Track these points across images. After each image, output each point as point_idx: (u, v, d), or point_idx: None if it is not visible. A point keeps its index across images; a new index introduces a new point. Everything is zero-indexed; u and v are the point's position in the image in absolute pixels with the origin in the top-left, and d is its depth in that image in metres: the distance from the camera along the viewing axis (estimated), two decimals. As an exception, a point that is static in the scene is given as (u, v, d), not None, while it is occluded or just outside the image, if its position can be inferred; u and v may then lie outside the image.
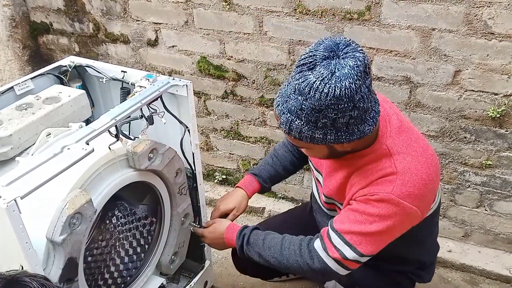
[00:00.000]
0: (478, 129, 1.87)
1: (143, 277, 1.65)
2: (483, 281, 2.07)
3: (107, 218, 1.58)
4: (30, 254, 1.10)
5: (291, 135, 1.16)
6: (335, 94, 1.03)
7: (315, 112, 1.07)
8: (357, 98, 1.05)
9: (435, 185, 1.28)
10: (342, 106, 1.05)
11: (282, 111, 1.14)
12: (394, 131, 1.26)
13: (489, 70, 1.73)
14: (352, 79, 1.03)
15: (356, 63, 1.04)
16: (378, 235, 1.24)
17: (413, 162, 1.22)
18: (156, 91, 1.46)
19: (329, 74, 1.04)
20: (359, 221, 1.24)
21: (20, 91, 1.54)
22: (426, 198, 1.25)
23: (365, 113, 1.11)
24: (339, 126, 1.10)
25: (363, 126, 1.13)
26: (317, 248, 1.31)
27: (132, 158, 1.37)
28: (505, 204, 1.99)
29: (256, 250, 1.41)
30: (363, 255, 1.27)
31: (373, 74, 1.93)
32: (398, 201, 1.19)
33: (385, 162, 1.23)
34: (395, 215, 1.21)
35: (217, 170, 2.61)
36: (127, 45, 2.41)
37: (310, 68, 1.06)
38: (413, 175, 1.20)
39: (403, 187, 1.19)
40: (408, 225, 1.27)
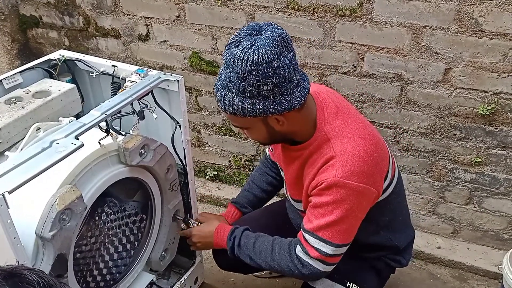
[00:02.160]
0: (467, 127, 1.88)
1: (133, 274, 1.65)
2: (472, 277, 2.09)
3: (96, 215, 1.57)
4: (18, 250, 1.09)
5: (226, 110, 1.25)
6: (253, 60, 1.14)
7: (240, 81, 1.17)
8: (275, 65, 1.15)
9: (378, 160, 1.32)
10: (262, 71, 1.15)
11: (217, 89, 1.25)
12: (331, 117, 1.33)
13: (479, 68, 1.75)
14: (269, 47, 1.14)
15: (273, 34, 1.16)
16: (343, 221, 1.29)
17: (349, 143, 1.28)
18: (147, 86, 1.45)
19: (249, 45, 1.15)
20: (322, 214, 1.30)
21: (8, 85, 1.52)
22: (372, 175, 1.30)
23: (290, 83, 1.19)
24: (265, 94, 1.18)
25: (290, 97, 1.20)
26: (299, 253, 1.36)
27: (123, 153, 1.36)
28: (493, 201, 2.01)
29: (247, 253, 1.45)
30: (339, 246, 1.32)
31: (364, 71, 1.93)
32: (343, 182, 1.25)
33: (325, 147, 1.30)
34: (348, 197, 1.26)
35: (208, 166, 2.60)
36: (118, 39, 2.39)
37: (236, 45, 1.18)
38: (350, 154, 1.27)
39: (344, 168, 1.25)
40: (367, 204, 1.33)
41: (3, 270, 0.76)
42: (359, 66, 1.93)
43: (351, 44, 1.90)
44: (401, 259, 1.59)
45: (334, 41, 1.92)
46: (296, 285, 2.07)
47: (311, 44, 1.97)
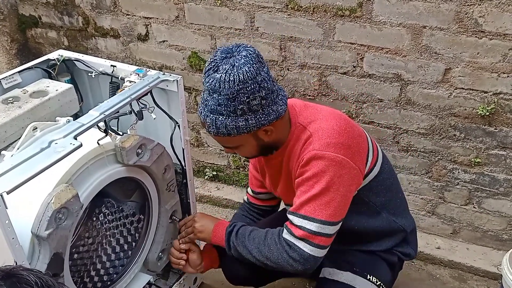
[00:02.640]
0: (467, 127, 1.88)
1: (130, 274, 1.64)
2: (471, 277, 2.08)
3: (94, 215, 1.57)
4: (17, 250, 1.08)
5: (220, 134, 1.30)
6: (240, 79, 1.21)
7: (230, 101, 1.24)
8: (259, 79, 1.24)
9: (353, 134, 1.37)
10: (250, 87, 1.22)
11: (205, 115, 1.29)
12: (301, 109, 1.43)
13: (479, 68, 1.74)
14: (250, 64, 1.22)
15: (249, 53, 1.24)
16: (324, 194, 1.31)
17: (322, 121, 1.37)
18: (146, 86, 1.45)
19: (231, 67, 1.22)
20: (304, 191, 1.33)
21: (7, 84, 1.51)
22: (349, 147, 1.34)
23: (272, 94, 1.28)
24: (255, 109, 1.26)
25: (276, 107, 1.29)
26: (285, 235, 1.37)
27: (120, 153, 1.36)
28: (493, 202, 2.01)
29: (242, 240, 1.44)
30: (323, 222, 1.31)
31: (364, 71, 1.93)
32: (321, 153, 1.30)
33: (303, 135, 1.38)
34: (327, 168, 1.30)
35: (208, 167, 2.60)
36: (117, 39, 2.39)
37: (215, 70, 1.24)
38: (325, 129, 1.34)
39: (320, 141, 1.32)
40: (349, 178, 1.33)
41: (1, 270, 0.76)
42: (359, 66, 1.93)
43: (351, 44, 1.90)
44: (410, 250, 1.62)
45: (333, 41, 1.92)
46: (295, 286, 2.07)
47: (310, 44, 1.97)
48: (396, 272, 1.66)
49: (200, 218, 1.60)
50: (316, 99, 2.09)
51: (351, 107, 2.04)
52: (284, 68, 2.08)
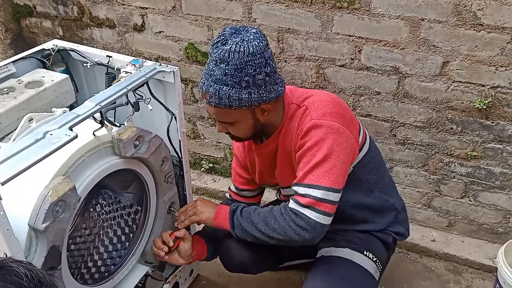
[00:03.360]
0: (464, 120, 1.88)
1: (127, 266, 1.64)
2: (466, 270, 2.10)
3: (91, 206, 1.56)
4: (12, 242, 1.08)
5: (221, 104, 1.32)
6: (250, 51, 1.26)
7: (237, 72, 1.27)
8: (266, 56, 1.29)
9: (346, 107, 1.46)
10: (257, 61, 1.27)
11: (209, 85, 1.31)
12: (292, 91, 1.48)
13: (477, 62, 1.74)
14: (259, 40, 1.28)
15: (257, 31, 1.31)
16: (326, 161, 1.35)
17: (315, 97, 1.44)
18: (143, 77, 1.44)
19: (241, 40, 1.27)
20: (306, 162, 1.37)
21: (1, 74, 1.49)
22: (344, 117, 1.40)
23: (275, 74, 1.34)
24: (259, 83, 1.30)
25: (277, 87, 1.35)
26: (291, 205, 1.39)
27: (117, 145, 1.35)
28: (489, 195, 2.02)
29: (247, 216, 1.46)
30: (328, 189, 1.34)
31: (362, 64, 1.92)
32: (319, 122, 1.36)
33: (298, 111, 1.43)
34: (326, 135, 1.35)
35: (204, 159, 2.59)
36: (113, 29, 2.36)
37: (224, 43, 1.28)
38: (319, 101, 1.41)
39: (317, 110, 1.38)
40: (346, 146, 1.38)
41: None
42: (357, 59, 1.92)
43: (349, 36, 1.88)
44: (403, 230, 1.68)
45: (331, 33, 1.91)
46: (290, 277, 2.08)
47: (308, 36, 1.96)
48: (390, 252, 1.70)
49: (202, 201, 1.62)
50: (313, 92, 2.08)
51: (349, 100, 2.04)
52: (281, 60, 2.07)
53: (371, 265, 1.56)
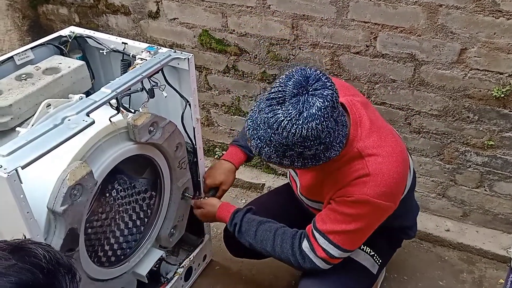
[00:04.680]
0: (481, 109, 1.85)
1: (142, 249, 1.67)
2: (480, 260, 2.09)
3: (107, 191, 1.59)
4: (32, 224, 1.11)
5: (261, 157, 1.22)
6: (301, 134, 1.09)
7: (282, 146, 1.13)
8: (323, 136, 1.11)
9: (406, 179, 1.36)
10: (309, 143, 1.11)
11: (252, 136, 1.19)
12: (365, 133, 1.29)
13: (495, 49, 1.71)
14: (319, 120, 1.08)
15: (324, 104, 1.08)
16: (359, 232, 1.34)
17: (384, 163, 1.26)
18: (157, 63, 1.44)
19: (297, 114, 1.08)
20: (339, 221, 1.31)
21: (20, 61, 1.52)
22: (398, 194, 1.34)
23: (331, 143, 1.16)
24: (306, 157, 1.16)
25: (329, 153, 1.18)
26: (305, 249, 1.39)
27: (132, 131, 1.36)
28: (505, 185, 1.99)
29: (248, 239, 1.48)
30: (347, 251, 1.37)
31: (377, 51, 1.90)
32: (373, 201, 1.26)
33: (358, 164, 1.27)
34: (372, 213, 1.30)
35: (218, 146, 2.61)
36: (128, 16, 2.37)
37: (280, 103, 1.10)
38: (385, 175, 1.25)
39: (377, 188, 1.25)
40: (384, 218, 1.36)
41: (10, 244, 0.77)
42: (372, 46, 1.90)
43: (364, 23, 1.86)
44: (410, 232, 1.66)
45: (347, 19, 1.89)
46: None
47: (323, 23, 1.94)
48: (393, 248, 1.69)
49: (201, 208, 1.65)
50: (328, 79, 2.07)
51: (363, 88, 2.02)
52: (295, 47, 2.06)
53: (367, 259, 1.54)
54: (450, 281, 2.00)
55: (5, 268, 0.71)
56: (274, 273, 2.03)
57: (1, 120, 1.33)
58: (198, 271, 2.01)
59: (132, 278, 1.65)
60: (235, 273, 2.05)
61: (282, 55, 2.11)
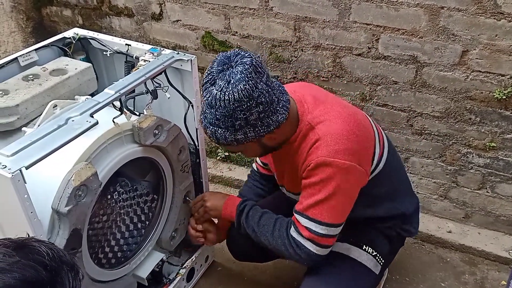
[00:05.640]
0: (483, 111, 1.86)
1: (143, 252, 1.67)
2: (482, 262, 2.08)
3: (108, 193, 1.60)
4: (35, 224, 1.11)
5: (220, 143, 1.30)
6: (234, 98, 1.19)
7: (227, 118, 1.23)
8: (255, 95, 1.20)
9: (362, 138, 1.37)
10: (246, 105, 1.20)
11: (205, 126, 1.30)
12: (311, 107, 1.38)
13: (496, 51, 1.71)
14: (245, 81, 1.19)
15: (245, 67, 1.20)
16: (331, 199, 1.33)
17: (331, 125, 1.34)
18: (161, 65, 1.45)
19: (226, 83, 1.20)
20: (310, 194, 1.35)
21: (24, 62, 1.53)
22: (357, 152, 1.34)
23: (272, 105, 1.25)
24: (253, 123, 1.24)
25: (276, 116, 1.27)
26: (293, 233, 1.40)
27: (137, 133, 1.37)
28: (507, 187, 1.99)
29: (251, 224, 1.49)
30: (330, 225, 1.36)
31: (379, 53, 1.91)
32: (329, 160, 1.30)
33: (311, 135, 1.35)
34: (335, 175, 1.31)
35: (220, 147, 2.61)
36: (131, 18, 2.39)
37: (212, 84, 1.23)
38: (333, 134, 1.32)
39: (328, 147, 1.31)
40: (355, 182, 1.36)
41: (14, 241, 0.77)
42: (374, 48, 1.91)
43: (366, 25, 1.87)
44: (411, 228, 1.64)
45: (349, 21, 1.89)
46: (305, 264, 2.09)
47: (325, 25, 1.95)
48: (395, 245, 1.68)
49: (210, 196, 1.65)
50: (330, 81, 2.08)
51: (365, 89, 2.03)
52: (298, 49, 2.07)
53: (370, 259, 1.54)
54: (452, 282, 2.00)
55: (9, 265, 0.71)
56: (276, 274, 2.03)
57: (8, 120, 1.35)
58: (200, 272, 2.02)
59: (133, 280, 1.66)
60: (237, 274, 2.05)
61: (285, 57, 2.12)
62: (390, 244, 1.63)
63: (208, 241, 1.75)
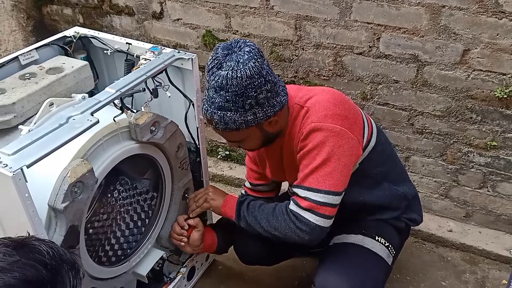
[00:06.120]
0: (484, 110, 1.85)
1: (143, 250, 1.67)
2: (483, 261, 2.08)
3: (108, 192, 1.60)
4: (36, 222, 1.12)
5: (228, 129, 1.32)
6: (247, 74, 1.23)
7: (238, 97, 1.25)
8: (264, 73, 1.26)
9: (349, 106, 1.42)
10: (257, 82, 1.25)
11: (212, 112, 1.31)
12: (295, 92, 1.46)
13: (498, 50, 1.71)
14: (254, 59, 1.24)
15: (251, 48, 1.26)
16: (326, 165, 1.34)
17: (318, 96, 1.41)
18: (161, 64, 1.45)
19: (235, 63, 1.24)
20: (306, 164, 1.37)
21: (25, 61, 1.53)
22: (346, 117, 1.37)
23: (275, 86, 1.31)
24: (262, 102, 1.29)
25: (279, 98, 1.33)
26: (292, 207, 1.41)
27: (134, 130, 1.37)
28: (508, 186, 1.99)
29: (252, 211, 1.49)
30: (327, 192, 1.35)
31: (380, 52, 1.90)
32: (320, 125, 1.34)
33: (301, 112, 1.41)
34: (327, 139, 1.33)
35: (220, 146, 2.61)
36: (132, 17, 2.38)
37: (219, 68, 1.25)
38: (320, 102, 1.38)
39: (317, 113, 1.36)
40: (348, 148, 1.36)
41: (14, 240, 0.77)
42: (375, 47, 1.91)
43: (367, 24, 1.87)
44: (415, 216, 1.68)
45: (350, 20, 1.89)
46: (305, 264, 2.09)
47: (326, 24, 1.94)
48: (403, 237, 1.71)
49: (214, 189, 1.66)
50: (330, 80, 2.08)
51: (366, 88, 2.02)
52: (299, 47, 2.07)
53: (383, 249, 1.56)
54: (452, 281, 2.00)
55: (9, 264, 0.71)
56: (277, 273, 2.03)
57: (4, 118, 1.35)
58: (201, 271, 2.02)
59: (132, 278, 1.66)
60: (238, 273, 2.05)
61: (285, 56, 2.12)
62: (399, 235, 1.66)
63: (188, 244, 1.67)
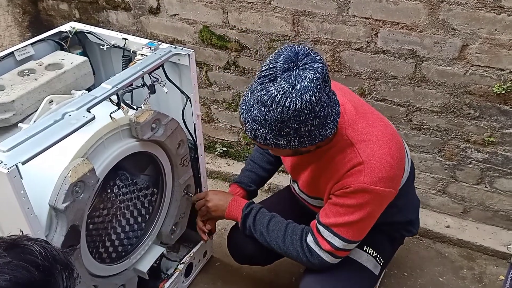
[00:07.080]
0: (482, 105, 1.85)
1: (143, 246, 1.67)
2: (480, 256, 2.09)
3: (108, 187, 1.59)
4: (32, 220, 1.11)
5: (256, 141, 1.21)
6: (296, 107, 1.08)
7: (278, 123, 1.12)
8: (317, 109, 1.11)
9: (402, 162, 1.35)
10: (304, 117, 1.10)
11: (246, 119, 1.18)
12: (351, 119, 1.30)
13: (496, 45, 1.70)
14: (312, 92, 1.07)
15: (315, 75, 1.08)
16: (361, 222, 1.33)
17: (375, 148, 1.27)
18: (158, 59, 1.44)
19: (290, 87, 1.07)
20: (341, 213, 1.32)
21: (20, 56, 1.52)
22: (395, 178, 1.33)
23: (326, 119, 1.16)
24: (302, 134, 1.15)
25: (325, 130, 1.18)
26: (310, 243, 1.39)
27: (134, 128, 1.36)
28: (505, 181, 1.99)
29: (260, 228, 1.47)
30: (351, 242, 1.36)
31: (378, 47, 1.90)
32: (371, 188, 1.26)
33: (350, 153, 1.28)
34: (372, 201, 1.29)
35: (218, 142, 2.61)
36: (128, 12, 2.37)
37: (271, 80, 1.09)
38: (378, 160, 1.26)
39: (373, 174, 1.25)
40: (386, 204, 1.36)
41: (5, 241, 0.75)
42: (373, 42, 1.90)
43: (365, 19, 1.86)
44: (412, 229, 1.66)
45: (348, 16, 1.88)
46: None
47: (324, 19, 1.93)
48: (396, 245, 1.70)
49: (212, 196, 1.61)
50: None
51: (364, 84, 2.02)
52: (296, 43, 2.05)
53: (370, 260, 1.53)
54: (450, 277, 2.01)
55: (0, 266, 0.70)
56: (274, 270, 2.03)
57: (4, 116, 1.33)
58: (199, 267, 2.02)
59: (133, 274, 1.65)
60: (235, 269, 2.05)
61: (283, 51, 2.10)
62: (392, 245, 1.64)
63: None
